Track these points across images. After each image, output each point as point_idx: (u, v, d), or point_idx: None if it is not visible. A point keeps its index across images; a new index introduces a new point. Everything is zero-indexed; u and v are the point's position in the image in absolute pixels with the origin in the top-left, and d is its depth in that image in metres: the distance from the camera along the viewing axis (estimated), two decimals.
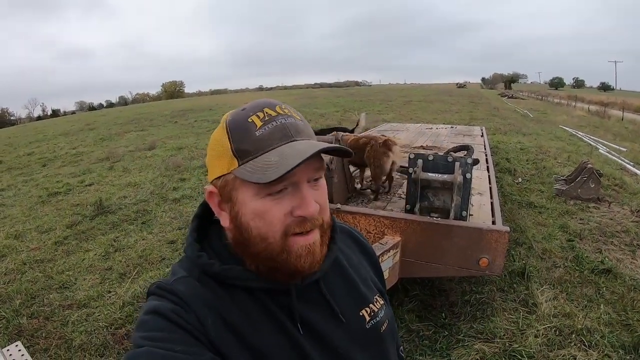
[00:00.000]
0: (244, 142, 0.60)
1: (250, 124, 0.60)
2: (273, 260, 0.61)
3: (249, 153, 0.59)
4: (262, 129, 0.59)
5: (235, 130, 0.61)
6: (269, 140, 0.59)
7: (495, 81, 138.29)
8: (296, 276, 0.63)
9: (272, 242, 0.60)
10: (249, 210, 0.60)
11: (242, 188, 0.60)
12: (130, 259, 4.06)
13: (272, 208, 0.59)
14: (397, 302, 2.97)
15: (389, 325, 0.76)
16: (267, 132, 0.59)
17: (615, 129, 16.07)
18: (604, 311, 2.87)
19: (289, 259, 0.60)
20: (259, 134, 0.59)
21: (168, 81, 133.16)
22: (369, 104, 26.01)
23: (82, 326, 2.96)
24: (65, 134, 18.39)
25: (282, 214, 0.59)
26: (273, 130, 0.59)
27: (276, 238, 0.60)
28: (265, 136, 0.59)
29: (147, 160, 9.60)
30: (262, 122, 0.60)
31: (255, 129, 0.59)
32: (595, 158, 8.28)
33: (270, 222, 0.59)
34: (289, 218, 0.60)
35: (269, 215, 0.59)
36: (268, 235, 0.60)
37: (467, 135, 6.84)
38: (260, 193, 0.59)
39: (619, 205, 5.16)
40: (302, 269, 0.61)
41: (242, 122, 0.61)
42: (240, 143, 0.60)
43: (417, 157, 2.45)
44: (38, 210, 6.05)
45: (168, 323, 0.57)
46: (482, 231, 2.27)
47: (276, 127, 0.60)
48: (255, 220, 0.60)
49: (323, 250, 0.64)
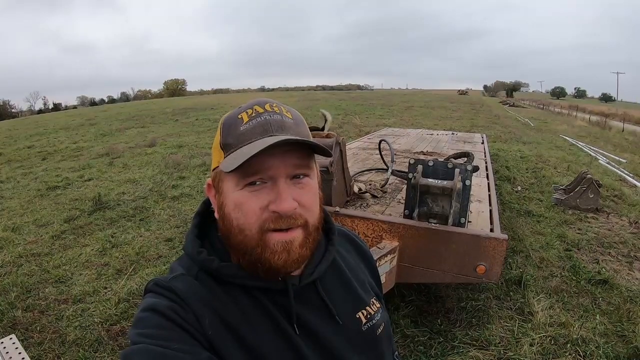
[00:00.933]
0: (229, 136, 0.64)
1: (238, 120, 0.64)
2: (249, 254, 0.62)
3: (231, 146, 0.62)
4: (246, 124, 0.62)
5: (225, 126, 0.65)
6: (249, 135, 0.61)
7: (497, 89, 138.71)
8: (273, 273, 0.63)
9: (249, 235, 0.61)
10: (230, 201, 0.62)
11: (226, 179, 0.63)
12: (127, 255, 4.05)
13: (249, 200, 0.61)
14: (393, 307, 2.97)
15: (385, 328, 0.77)
16: (250, 127, 0.62)
17: (616, 140, 16.11)
18: (600, 322, 2.86)
19: (263, 254, 0.61)
20: (243, 128, 0.62)
21: (170, 79, 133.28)
22: (370, 108, 26.04)
23: (77, 321, 2.94)
24: (66, 129, 18.38)
25: (257, 207, 0.60)
26: (255, 125, 0.62)
27: (252, 231, 0.61)
28: (247, 131, 0.62)
29: (147, 157, 9.59)
30: (248, 118, 0.63)
31: (241, 124, 0.63)
32: (594, 168, 8.29)
33: (246, 214, 0.61)
34: (266, 213, 0.60)
35: (245, 206, 0.61)
36: (245, 227, 0.61)
37: (467, 142, 6.83)
38: (239, 184, 0.61)
39: (617, 216, 5.16)
40: (275, 265, 0.61)
41: (233, 118, 0.65)
42: (226, 137, 0.64)
43: (417, 163, 2.45)
44: (36, 204, 6.03)
45: (165, 320, 0.57)
46: (480, 238, 2.26)
47: (259, 122, 0.62)
48: (235, 211, 0.62)
49: (303, 251, 0.63)
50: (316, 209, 0.66)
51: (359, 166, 4.26)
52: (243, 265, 0.63)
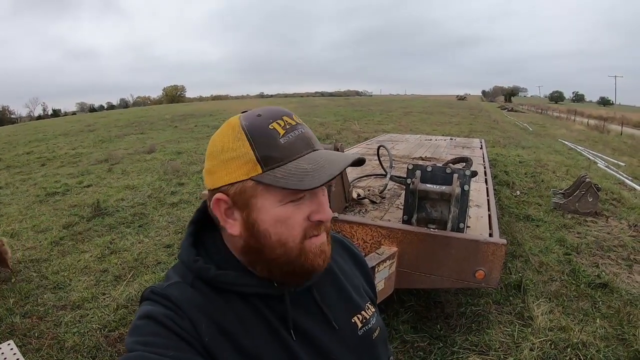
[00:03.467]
0: (269, 149, 0.60)
1: (272, 131, 0.60)
2: (291, 264, 0.63)
3: (275, 160, 0.60)
4: (285, 137, 0.61)
5: (257, 137, 0.60)
6: (295, 149, 0.61)
7: (495, 94, 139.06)
8: (311, 276, 0.66)
9: (292, 247, 0.62)
10: (269, 217, 0.61)
11: (266, 194, 0.60)
12: (125, 261, 4.04)
13: (293, 214, 0.61)
14: (392, 312, 2.96)
15: (380, 332, 0.77)
16: (291, 140, 0.61)
17: (614, 144, 16.14)
18: (600, 325, 2.86)
19: (306, 260, 0.63)
20: (284, 141, 0.60)
21: (169, 85, 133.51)
22: (369, 114, 26.10)
23: (76, 327, 2.93)
24: (65, 135, 18.36)
25: (301, 218, 0.62)
26: (296, 139, 0.61)
27: (296, 242, 0.62)
28: (290, 144, 0.61)
29: (146, 164, 9.59)
30: (284, 130, 0.61)
31: (279, 137, 0.60)
32: (593, 172, 8.30)
33: (292, 227, 0.62)
34: (306, 222, 0.63)
35: (291, 220, 0.62)
36: (288, 240, 0.62)
37: (466, 147, 6.85)
38: (285, 199, 0.61)
39: (616, 220, 5.17)
40: (318, 267, 0.65)
41: (264, 128, 0.61)
42: (266, 150, 0.60)
43: (415, 168, 2.46)
44: (35, 210, 6.03)
45: (161, 328, 0.57)
46: (479, 243, 2.26)
47: (298, 136, 0.62)
48: (277, 226, 0.61)
49: (329, 249, 0.68)
50: None
51: (357, 172, 4.25)
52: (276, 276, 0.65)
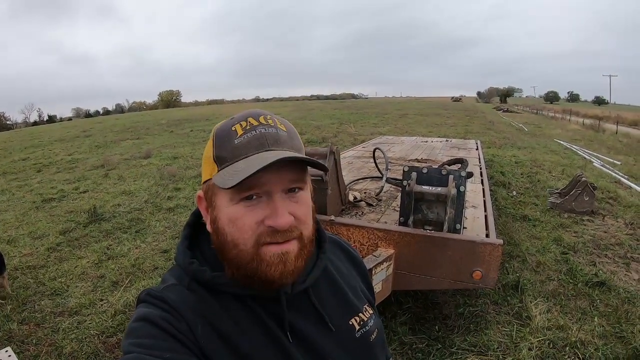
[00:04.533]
0: (223, 149, 0.62)
1: (232, 132, 0.62)
2: (244, 268, 0.61)
3: (225, 160, 0.61)
4: (241, 137, 0.61)
5: (218, 138, 0.63)
6: (245, 149, 0.61)
7: (490, 95, 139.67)
8: (269, 285, 0.62)
9: (243, 250, 0.60)
10: (224, 215, 0.62)
11: (220, 193, 0.62)
12: (123, 267, 4.03)
13: (244, 215, 0.60)
14: (390, 314, 2.96)
15: (378, 334, 0.77)
16: (245, 140, 0.61)
17: (610, 143, 16.22)
18: (598, 324, 2.87)
19: (259, 267, 0.60)
20: (237, 142, 0.61)
21: (165, 90, 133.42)
22: (364, 117, 26.15)
23: (73, 334, 2.92)
24: (61, 140, 18.33)
25: (253, 222, 0.60)
26: (250, 139, 0.61)
27: (247, 246, 0.60)
28: (242, 144, 0.61)
29: (142, 169, 9.58)
30: (242, 131, 0.62)
31: (235, 137, 0.62)
32: (589, 171, 8.34)
33: (241, 229, 0.60)
34: (261, 227, 0.60)
35: (241, 221, 0.60)
36: (239, 242, 0.60)
37: (462, 148, 6.87)
38: (234, 199, 0.60)
39: (612, 218, 5.19)
40: (272, 277, 0.61)
41: (226, 130, 0.63)
42: (220, 150, 0.62)
43: (411, 170, 2.47)
44: (31, 216, 6.01)
45: (158, 330, 0.57)
46: (475, 244, 2.27)
47: (254, 136, 0.61)
48: (230, 226, 0.61)
49: (298, 263, 0.63)
50: (310, 221, 0.66)
51: (353, 175, 4.26)
52: (237, 278, 0.63)
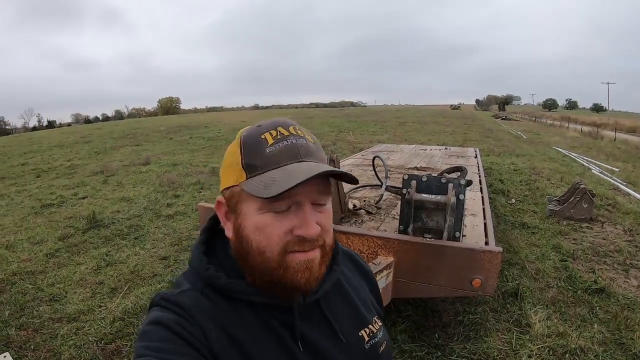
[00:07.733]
0: (253, 157, 0.62)
1: (262, 140, 0.62)
2: (269, 275, 0.62)
3: (257, 168, 0.61)
4: (272, 147, 0.61)
5: (247, 145, 0.63)
6: (277, 158, 0.61)
7: (489, 103, 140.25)
8: (293, 292, 0.64)
9: (269, 257, 0.61)
10: (250, 223, 0.62)
11: (248, 201, 0.62)
12: (122, 274, 4.01)
13: (272, 224, 0.60)
14: (390, 322, 2.95)
15: (386, 346, 0.78)
16: (277, 150, 0.61)
17: (608, 150, 16.24)
18: (598, 330, 2.87)
19: (285, 275, 0.61)
20: (269, 151, 0.61)
21: (164, 97, 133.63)
22: (363, 125, 26.20)
23: (72, 340, 2.90)
24: (60, 146, 18.33)
25: (281, 231, 0.60)
26: (283, 149, 0.61)
27: (274, 253, 0.61)
28: (274, 154, 0.61)
29: (142, 176, 9.56)
30: (273, 140, 0.62)
31: (266, 146, 0.62)
32: (588, 178, 8.36)
33: (269, 237, 0.60)
34: (289, 236, 0.61)
35: (269, 229, 0.60)
36: (266, 249, 0.61)
37: (461, 156, 6.89)
38: (264, 208, 0.60)
39: (611, 225, 5.20)
40: (298, 284, 0.62)
41: (256, 137, 0.63)
42: (250, 157, 0.62)
43: (410, 178, 2.48)
44: (30, 221, 5.99)
45: (171, 334, 0.58)
46: (475, 252, 2.27)
47: (286, 146, 0.62)
48: (256, 234, 0.61)
49: (321, 270, 0.65)
50: (331, 230, 0.67)
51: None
52: (260, 285, 0.64)
